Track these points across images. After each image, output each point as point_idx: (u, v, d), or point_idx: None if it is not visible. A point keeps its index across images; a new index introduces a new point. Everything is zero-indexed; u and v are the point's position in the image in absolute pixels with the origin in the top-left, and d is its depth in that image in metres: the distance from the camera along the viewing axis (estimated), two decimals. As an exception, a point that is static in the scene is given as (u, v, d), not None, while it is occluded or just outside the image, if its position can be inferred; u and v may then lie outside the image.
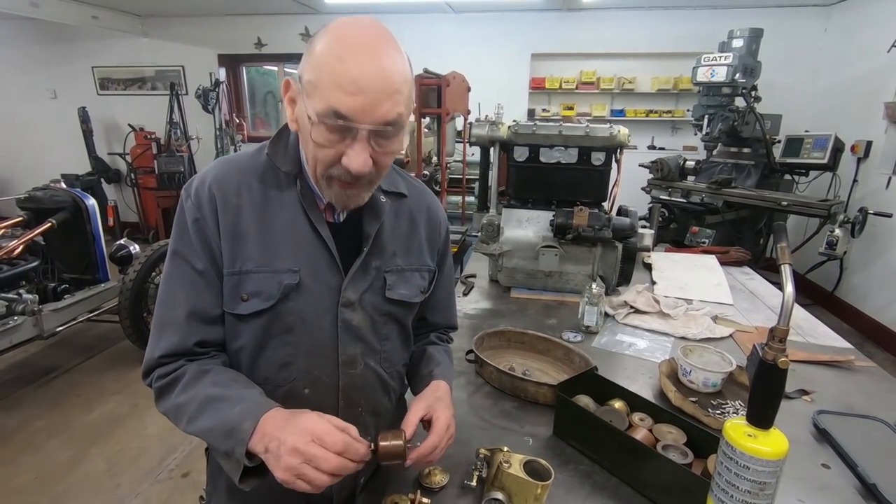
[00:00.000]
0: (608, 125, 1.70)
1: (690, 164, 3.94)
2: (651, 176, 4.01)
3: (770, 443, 0.65)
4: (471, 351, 1.29)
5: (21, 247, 2.84)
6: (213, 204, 0.79)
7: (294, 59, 5.91)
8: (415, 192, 0.96)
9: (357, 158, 0.71)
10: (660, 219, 3.61)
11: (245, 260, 0.80)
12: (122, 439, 2.47)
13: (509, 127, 1.76)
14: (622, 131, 1.69)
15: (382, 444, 0.72)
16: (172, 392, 0.78)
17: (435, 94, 3.20)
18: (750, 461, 0.65)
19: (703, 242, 3.56)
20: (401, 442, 0.72)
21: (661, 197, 3.93)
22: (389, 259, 0.89)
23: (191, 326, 0.79)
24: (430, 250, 0.97)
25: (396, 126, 0.72)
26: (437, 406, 0.82)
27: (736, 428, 0.67)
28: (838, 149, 3.74)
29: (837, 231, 3.19)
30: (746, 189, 3.67)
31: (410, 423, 0.79)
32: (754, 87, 3.87)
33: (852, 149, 3.97)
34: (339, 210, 0.85)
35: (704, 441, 0.91)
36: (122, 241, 3.23)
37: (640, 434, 0.94)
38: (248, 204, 0.81)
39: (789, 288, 0.62)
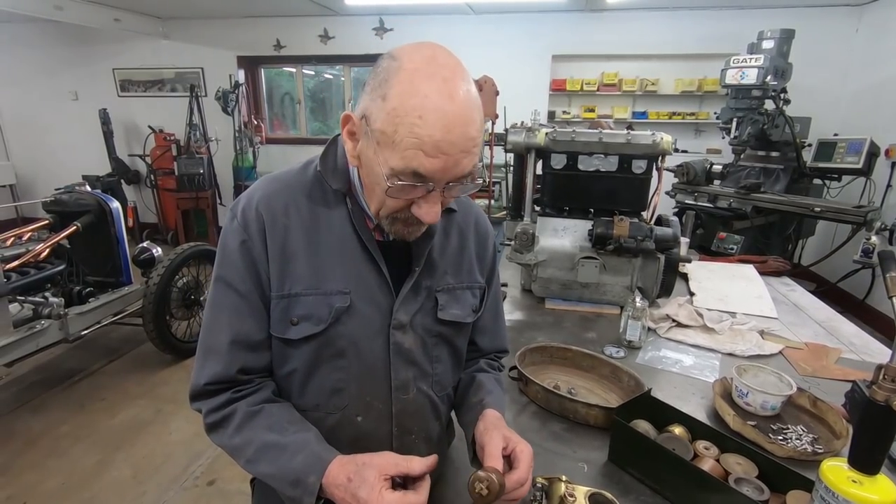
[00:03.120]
0: (650, 132, 1.64)
1: (717, 168, 3.83)
2: (676, 180, 3.92)
3: (878, 490, 0.59)
4: (514, 367, 1.25)
5: (47, 250, 2.85)
6: (261, 224, 0.77)
7: (312, 60, 5.90)
8: (462, 206, 0.93)
9: (430, 211, 0.70)
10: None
11: (294, 282, 0.77)
12: (146, 445, 2.46)
13: (546, 133, 1.71)
14: (665, 139, 1.63)
15: (485, 488, 0.69)
16: (225, 431, 0.77)
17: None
18: (856, 510, 0.60)
19: (731, 249, 3.46)
20: (502, 481, 0.71)
21: (687, 201, 3.84)
22: (440, 278, 0.86)
23: (234, 353, 0.77)
24: (480, 266, 0.94)
25: (471, 175, 0.71)
26: (513, 437, 0.78)
27: (836, 471, 0.62)
28: (873, 153, 3.62)
29: (874, 238, 3.08)
30: (776, 194, 3.57)
31: (496, 457, 0.74)
32: (784, 90, 3.76)
33: (887, 153, 3.85)
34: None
35: (777, 474, 0.86)
36: (144, 245, 3.21)
37: (708, 465, 0.89)
38: (297, 223, 0.78)
39: (904, 323, 0.57)
